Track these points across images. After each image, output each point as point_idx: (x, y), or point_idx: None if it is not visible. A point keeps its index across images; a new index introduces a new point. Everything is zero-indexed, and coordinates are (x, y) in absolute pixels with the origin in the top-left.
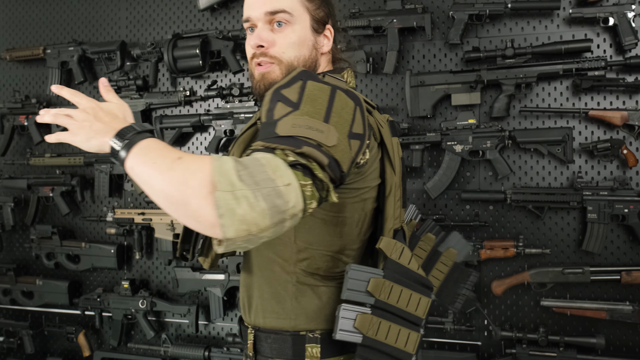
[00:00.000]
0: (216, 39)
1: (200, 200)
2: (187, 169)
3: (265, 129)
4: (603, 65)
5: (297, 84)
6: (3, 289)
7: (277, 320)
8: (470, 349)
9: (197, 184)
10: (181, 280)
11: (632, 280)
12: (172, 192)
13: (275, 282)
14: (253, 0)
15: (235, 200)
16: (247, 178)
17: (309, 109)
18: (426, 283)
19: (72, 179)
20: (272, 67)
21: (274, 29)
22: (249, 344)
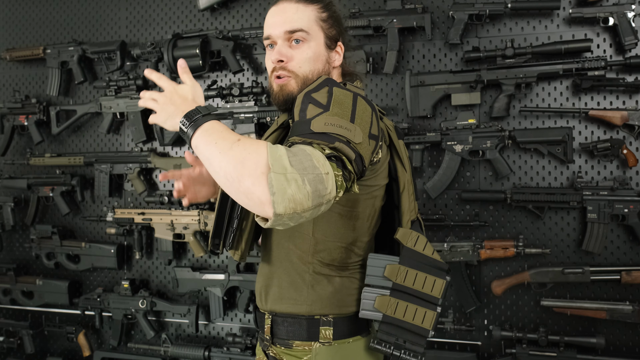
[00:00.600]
0: (216, 39)
1: (255, 179)
2: (245, 151)
3: (300, 127)
4: (603, 65)
5: (325, 89)
6: (3, 289)
7: (294, 306)
8: (470, 349)
9: (252, 164)
10: (181, 280)
11: (632, 280)
12: (229, 170)
13: (293, 272)
14: (273, 20)
15: (286, 181)
16: (296, 164)
17: (337, 110)
18: (441, 266)
19: (72, 179)
20: (289, 80)
21: (292, 46)
22: (266, 328)
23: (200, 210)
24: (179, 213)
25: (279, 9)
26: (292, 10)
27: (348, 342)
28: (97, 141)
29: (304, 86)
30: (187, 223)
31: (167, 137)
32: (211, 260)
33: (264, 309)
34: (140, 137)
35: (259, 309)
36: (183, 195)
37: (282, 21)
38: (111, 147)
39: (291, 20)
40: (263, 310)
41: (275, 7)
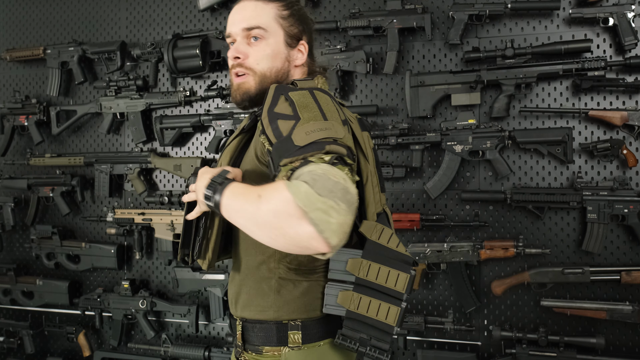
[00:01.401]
0: (216, 39)
1: (296, 227)
2: (271, 207)
3: (283, 146)
4: (603, 66)
5: (282, 99)
6: (3, 289)
7: (262, 312)
8: (470, 349)
9: (286, 216)
10: (181, 280)
11: (632, 280)
12: (269, 232)
13: (260, 279)
14: (233, 18)
15: (326, 214)
16: (322, 190)
17: (307, 114)
18: (405, 259)
19: (72, 179)
20: (247, 77)
21: (250, 43)
22: (237, 335)
23: None
24: (179, 213)
25: (239, 7)
26: (251, 8)
27: (319, 345)
28: (97, 141)
29: (263, 84)
30: None
31: (167, 137)
32: None
33: (236, 316)
34: (140, 137)
35: (232, 315)
36: None
37: (241, 18)
38: (111, 148)
39: (249, 18)
40: (235, 316)
41: (236, 6)
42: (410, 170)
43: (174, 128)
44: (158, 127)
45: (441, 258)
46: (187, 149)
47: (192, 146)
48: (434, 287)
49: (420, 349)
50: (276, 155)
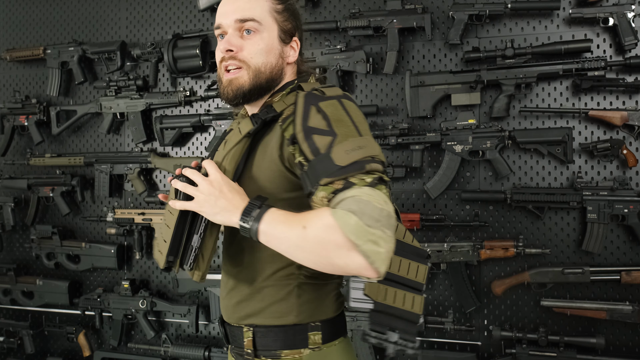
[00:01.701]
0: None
1: (345, 258)
2: (319, 235)
3: (323, 165)
4: (603, 66)
5: (313, 111)
6: (3, 289)
7: (280, 318)
8: (470, 349)
9: (334, 247)
10: (181, 280)
11: (631, 280)
12: (313, 259)
13: (278, 286)
14: (224, 9)
15: (376, 245)
16: (370, 221)
17: (344, 130)
18: (421, 253)
19: (72, 179)
20: (240, 72)
21: (243, 36)
22: (246, 342)
23: None
24: None
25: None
26: (245, 0)
27: (334, 344)
28: (97, 141)
29: (257, 79)
30: None
31: (167, 137)
32: None
33: (239, 323)
34: (140, 137)
35: (230, 323)
36: None
37: (234, 9)
38: (111, 148)
39: (243, 9)
40: (238, 324)
41: None
42: (410, 170)
43: (174, 128)
44: (158, 127)
45: (441, 258)
46: (187, 149)
47: (192, 146)
48: (434, 287)
49: (420, 349)
50: (314, 172)
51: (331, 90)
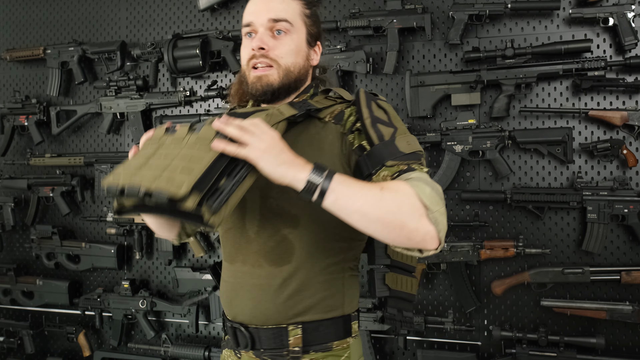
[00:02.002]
0: (216, 39)
1: (417, 223)
2: (396, 198)
3: (388, 149)
4: (603, 66)
5: (374, 105)
6: (3, 289)
7: (331, 311)
8: (470, 349)
9: (410, 209)
10: (181, 280)
11: (632, 280)
12: (388, 219)
13: (329, 281)
14: (257, 7)
15: (442, 216)
16: (440, 197)
17: (400, 125)
18: None
19: (72, 179)
20: (270, 70)
21: (274, 36)
22: (292, 340)
23: None
24: None
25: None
26: (278, 0)
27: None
28: (97, 141)
29: (286, 79)
30: None
31: None
32: (211, 261)
33: (284, 323)
34: (140, 137)
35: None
36: None
37: (267, 9)
38: (111, 148)
39: (276, 10)
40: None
41: None
42: None
43: None
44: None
45: (441, 258)
46: None
47: None
48: (434, 287)
49: (420, 349)
50: (378, 155)
51: (379, 97)
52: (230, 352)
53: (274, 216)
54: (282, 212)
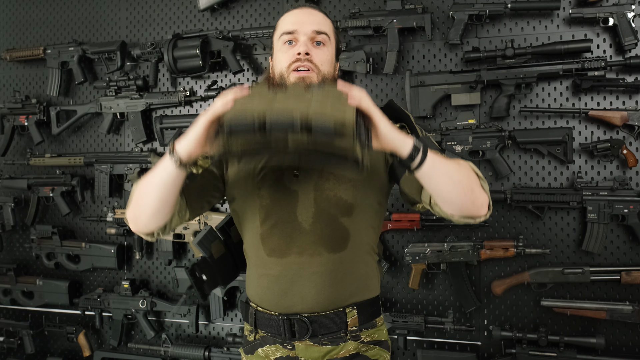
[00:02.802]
0: (216, 39)
1: (479, 192)
2: (464, 168)
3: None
4: (603, 66)
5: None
6: (3, 289)
7: (373, 291)
8: (470, 349)
9: (474, 177)
10: (181, 280)
11: (632, 280)
12: (465, 182)
13: (368, 264)
14: (301, 18)
15: (487, 188)
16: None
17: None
18: None
19: (72, 179)
20: (312, 73)
21: (314, 46)
22: (350, 321)
23: None
24: None
25: (307, 11)
26: (321, 16)
27: None
28: (97, 141)
29: (322, 84)
30: (187, 223)
31: (167, 137)
32: None
33: (341, 306)
34: (140, 137)
35: (321, 312)
36: None
37: (312, 21)
38: (111, 148)
39: (320, 23)
40: (335, 308)
41: (301, 9)
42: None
43: (174, 128)
44: (158, 127)
45: (441, 258)
46: None
47: None
48: (434, 287)
49: (420, 349)
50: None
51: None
52: (275, 347)
53: (331, 206)
54: (339, 201)
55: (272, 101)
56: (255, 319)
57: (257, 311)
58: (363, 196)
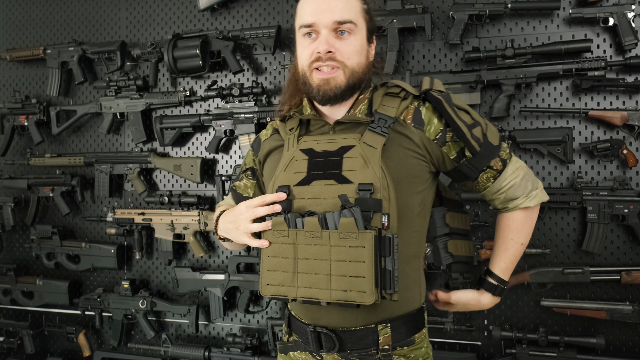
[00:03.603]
0: (216, 39)
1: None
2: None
3: (487, 150)
4: (603, 66)
5: (458, 111)
6: (3, 289)
7: (412, 304)
8: (470, 349)
9: (533, 223)
10: (181, 280)
11: (632, 280)
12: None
13: (411, 273)
14: (319, 7)
15: (542, 192)
16: (533, 179)
17: (478, 117)
18: (461, 203)
19: (72, 179)
20: (337, 71)
21: (338, 37)
22: (382, 339)
23: (200, 210)
24: (179, 213)
25: None
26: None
27: None
28: (97, 141)
29: (352, 79)
30: (187, 223)
31: (167, 137)
32: (211, 261)
33: (373, 322)
34: (140, 137)
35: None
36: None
37: (331, 9)
38: (111, 148)
39: (341, 10)
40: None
41: None
42: None
43: (174, 128)
44: (158, 127)
45: None
46: (187, 149)
47: (192, 146)
48: (433, 288)
49: None
50: (482, 160)
51: (440, 85)
52: (305, 355)
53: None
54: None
55: (295, 272)
56: (290, 322)
57: (291, 315)
58: (402, 206)
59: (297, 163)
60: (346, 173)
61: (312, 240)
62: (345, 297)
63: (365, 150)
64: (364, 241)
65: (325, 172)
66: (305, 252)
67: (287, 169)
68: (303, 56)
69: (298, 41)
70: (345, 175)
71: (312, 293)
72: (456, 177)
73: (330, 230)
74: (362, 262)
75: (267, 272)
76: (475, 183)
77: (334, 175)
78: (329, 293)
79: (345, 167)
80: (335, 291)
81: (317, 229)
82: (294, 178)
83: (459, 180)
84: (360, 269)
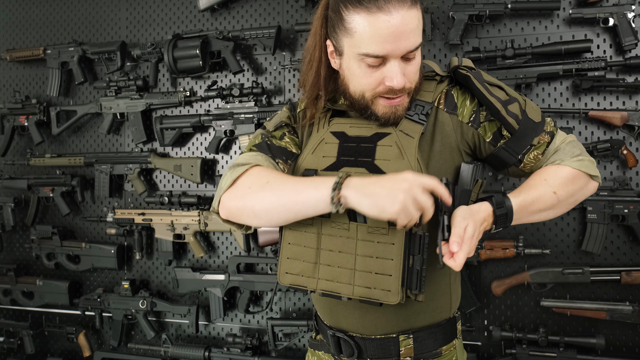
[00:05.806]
0: (216, 39)
1: (588, 190)
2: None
3: (528, 128)
4: (603, 66)
5: (490, 88)
6: (3, 289)
7: (439, 314)
8: (470, 349)
9: (584, 185)
10: (181, 281)
11: (632, 280)
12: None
13: (437, 283)
14: (394, 34)
15: (594, 165)
16: (587, 154)
17: (514, 93)
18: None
19: (72, 179)
20: (403, 99)
21: (405, 62)
22: (403, 351)
23: (200, 210)
24: (179, 213)
25: (401, 18)
26: (414, 20)
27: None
28: (97, 142)
29: (411, 96)
30: (187, 223)
31: (167, 137)
32: (211, 261)
33: (394, 332)
34: (140, 137)
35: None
36: None
37: (406, 36)
38: (111, 148)
39: (414, 33)
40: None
41: (390, 16)
42: None
43: (174, 128)
44: (158, 128)
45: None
46: (187, 149)
47: (192, 146)
48: None
49: None
50: (523, 138)
51: (469, 62)
52: (328, 357)
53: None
54: None
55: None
56: (317, 322)
57: (317, 315)
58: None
59: (326, 146)
60: (379, 162)
61: (338, 232)
62: (369, 294)
63: (401, 139)
64: (394, 238)
65: (356, 159)
66: (330, 243)
67: (316, 151)
68: (365, 83)
69: (355, 64)
70: (378, 165)
71: (333, 287)
72: (496, 165)
73: (358, 223)
74: (390, 260)
75: (287, 259)
76: (522, 166)
77: (365, 164)
78: (352, 288)
79: (378, 156)
80: (358, 287)
81: (345, 220)
82: (322, 162)
83: (500, 168)
84: (388, 267)
